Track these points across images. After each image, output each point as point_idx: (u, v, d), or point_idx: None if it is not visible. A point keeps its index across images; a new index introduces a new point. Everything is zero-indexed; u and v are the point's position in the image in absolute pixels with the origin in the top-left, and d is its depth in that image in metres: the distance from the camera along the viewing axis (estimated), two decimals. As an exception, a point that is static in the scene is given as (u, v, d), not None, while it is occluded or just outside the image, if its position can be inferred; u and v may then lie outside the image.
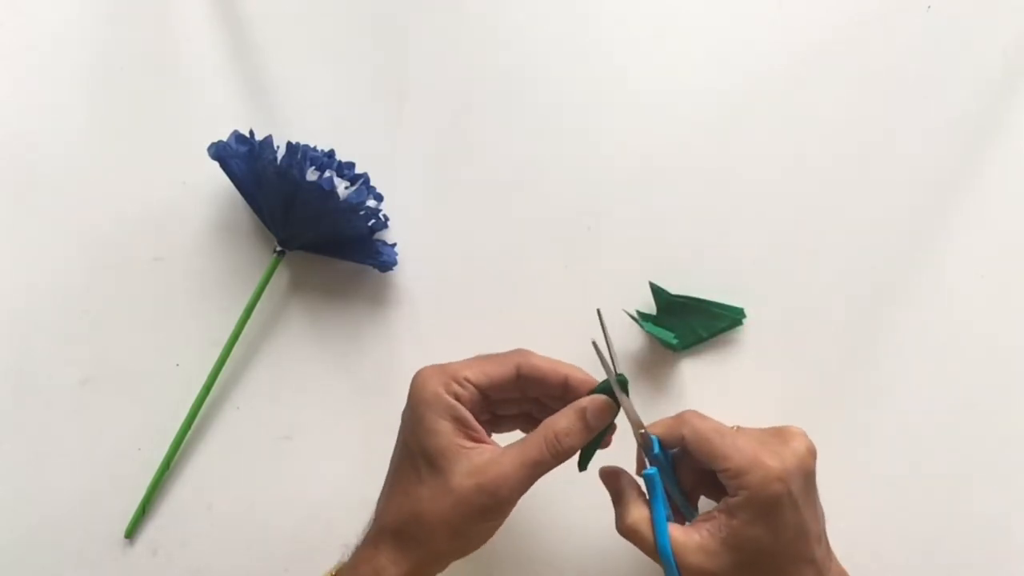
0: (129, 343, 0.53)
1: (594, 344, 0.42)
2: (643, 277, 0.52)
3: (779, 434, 0.41)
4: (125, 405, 0.52)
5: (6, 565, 0.51)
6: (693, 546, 0.39)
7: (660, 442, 0.42)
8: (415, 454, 0.40)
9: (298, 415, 0.52)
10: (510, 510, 0.40)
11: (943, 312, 0.52)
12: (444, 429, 0.40)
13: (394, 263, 0.52)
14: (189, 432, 0.51)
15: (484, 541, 0.41)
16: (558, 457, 0.40)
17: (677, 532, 0.40)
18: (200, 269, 0.53)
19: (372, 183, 0.53)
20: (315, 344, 0.53)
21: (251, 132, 0.51)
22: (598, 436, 0.42)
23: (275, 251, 0.52)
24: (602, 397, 0.41)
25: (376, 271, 0.52)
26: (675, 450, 0.42)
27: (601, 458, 0.43)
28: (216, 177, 0.51)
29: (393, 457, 0.43)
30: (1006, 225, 0.53)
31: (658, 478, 0.41)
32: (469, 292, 0.53)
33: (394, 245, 0.52)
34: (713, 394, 0.52)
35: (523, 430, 0.45)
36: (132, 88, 0.55)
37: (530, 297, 0.53)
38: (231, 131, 0.50)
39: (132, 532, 0.51)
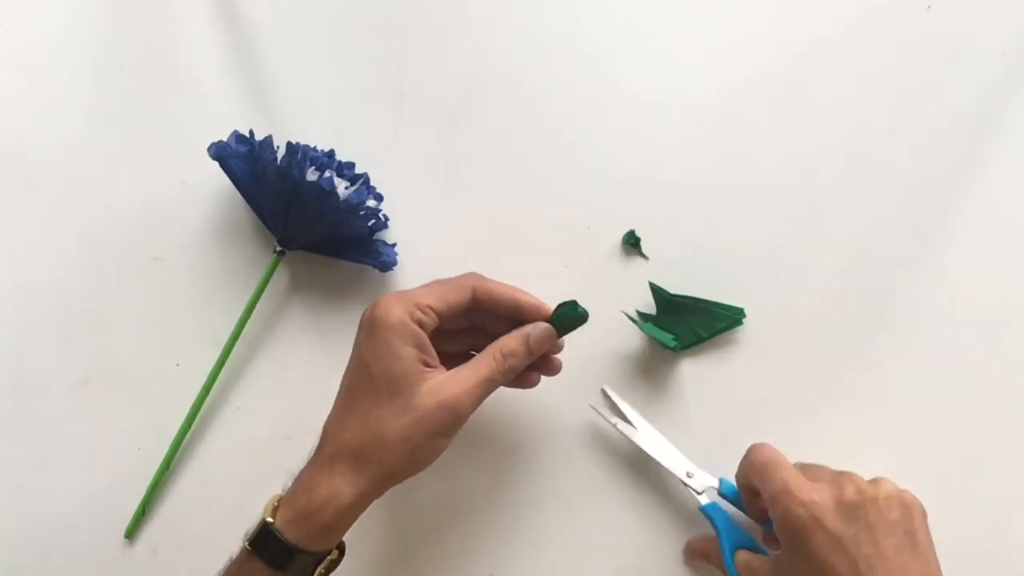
0: (129, 343, 0.53)
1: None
2: (643, 277, 0.52)
3: (870, 480, 0.43)
4: (125, 405, 0.52)
5: (6, 565, 0.51)
6: (743, 564, 0.45)
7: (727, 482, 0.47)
8: (375, 377, 0.42)
9: (298, 415, 0.52)
10: (462, 425, 0.42)
11: (943, 311, 0.52)
12: (408, 355, 0.42)
13: (394, 263, 0.52)
14: (189, 432, 0.51)
15: (434, 459, 0.43)
16: (505, 375, 0.43)
17: (742, 555, 0.45)
18: (200, 269, 0.53)
19: (372, 183, 0.53)
20: (315, 344, 0.53)
21: (251, 132, 0.51)
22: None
23: (275, 251, 0.52)
24: (544, 325, 0.44)
25: (376, 271, 0.52)
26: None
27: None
28: (216, 177, 0.51)
29: (347, 381, 0.44)
30: (1006, 225, 0.53)
31: (717, 509, 0.47)
32: (469, 292, 0.53)
33: (394, 245, 0.52)
34: (713, 394, 0.52)
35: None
36: (132, 88, 0.55)
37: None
38: (231, 131, 0.50)
39: (132, 532, 0.51)
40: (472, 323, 0.46)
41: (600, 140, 0.54)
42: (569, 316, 0.44)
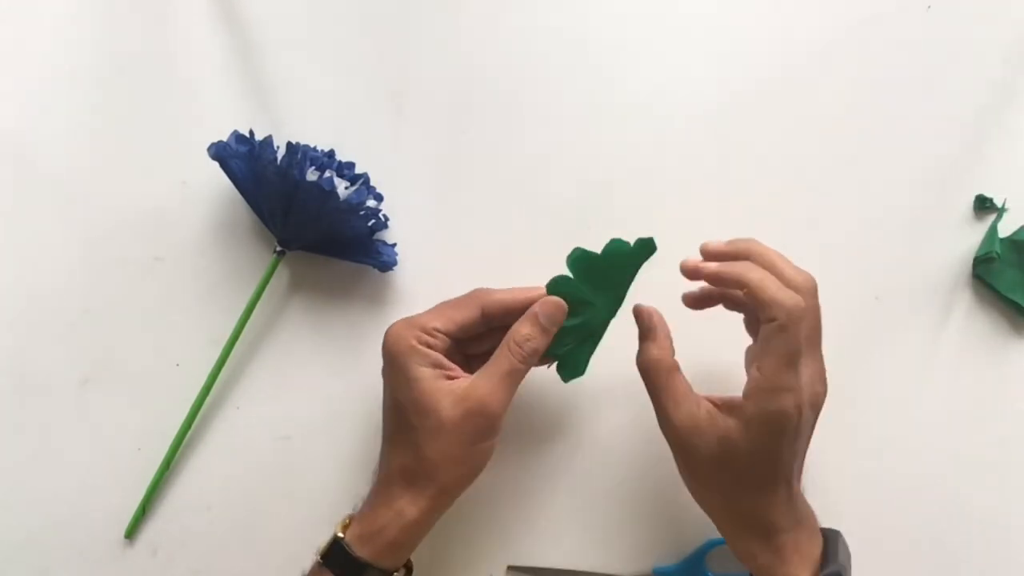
0: (129, 343, 0.53)
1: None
2: (642, 276, 0.52)
3: (809, 374, 0.42)
4: (125, 405, 0.52)
5: (6, 565, 0.51)
6: (688, 414, 0.42)
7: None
8: (402, 405, 0.43)
9: (298, 415, 0.52)
10: (500, 425, 0.43)
11: (943, 311, 0.52)
12: (424, 375, 0.42)
13: (394, 263, 0.52)
14: (189, 432, 0.51)
15: (485, 463, 0.44)
16: (526, 361, 0.43)
17: (684, 395, 0.42)
18: (200, 269, 0.53)
19: (372, 183, 0.53)
20: (315, 344, 0.53)
21: (251, 132, 0.51)
22: (588, 343, 0.45)
23: (275, 251, 0.52)
24: (551, 298, 0.44)
25: (376, 271, 0.52)
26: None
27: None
28: (216, 177, 0.51)
29: (384, 413, 0.45)
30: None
31: None
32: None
33: (394, 245, 0.52)
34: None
35: None
36: (132, 88, 0.55)
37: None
38: (231, 131, 0.50)
39: (132, 532, 0.51)
40: (492, 325, 0.46)
41: (600, 140, 0.54)
42: (561, 282, 0.44)
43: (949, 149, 0.53)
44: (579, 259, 0.44)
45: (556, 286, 0.44)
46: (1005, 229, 0.53)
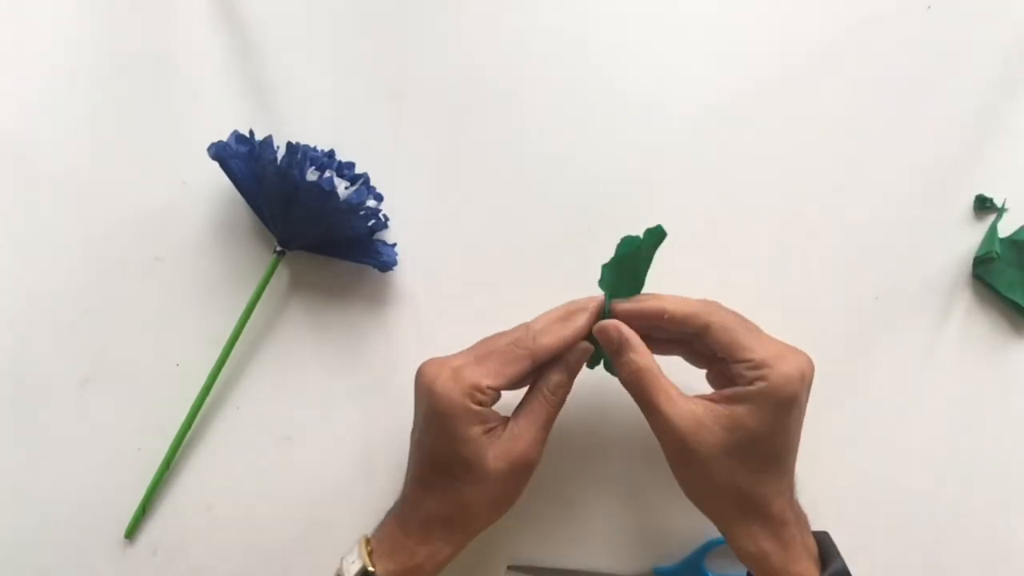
0: (129, 343, 0.53)
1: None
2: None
3: (788, 346, 0.42)
4: (125, 405, 0.52)
5: (6, 565, 0.51)
6: (687, 411, 0.41)
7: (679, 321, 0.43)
8: (445, 460, 0.43)
9: (298, 415, 0.52)
10: (536, 467, 0.44)
11: (942, 311, 0.52)
12: (473, 436, 0.42)
13: (394, 263, 0.52)
14: (189, 432, 0.51)
15: (518, 498, 0.45)
16: (559, 406, 0.44)
17: (677, 395, 0.42)
18: (200, 269, 0.53)
19: (372, 183, 0.53)
20: (315, 344, 0.53)
21: (251, 132, 0.51)
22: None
23: (275, 251, 0.52)
24: (582, 345, 0.44)
25: (376, 271, 0.52)
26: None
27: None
28: (216, 177, 0.51)
29: (417, 453, 0.44)
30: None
31: None
32: (469, 292, 0.53)
33: (394, 245, 0.52)
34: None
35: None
36: (132, 88, 0.55)
37: (530, 297, 0.52)
38: (231, 131, 0.50)
39: (132, 532, 0.51)
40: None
41: (600, 140, 0.54)
42: (606, 310, 0.44)
43: (949, 149, 0.53)
44: (608, 273, 0.45)
45: (601, 317, 0.44)
46: (1005, 229, 0.53)
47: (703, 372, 0.47)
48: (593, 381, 0.51)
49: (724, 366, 0.43)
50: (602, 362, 0.47)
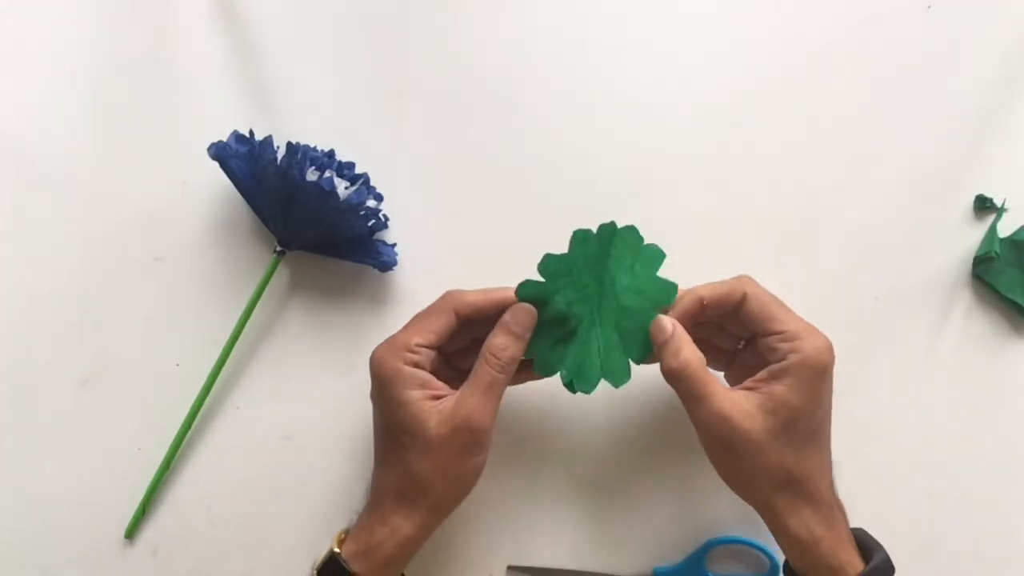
0: (129, 343, 0.53)
1: None
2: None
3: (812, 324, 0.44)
4: (125, 405, 0.52)
5: (6, 565, 0.51)
6: (735, 400, 0.42)
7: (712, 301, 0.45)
8: (390, 428, 0.44)
9: (298, 415, 0.52)
10: (488, 440, 0.43)
11: (942, 311, 0.52)
12: (412, 398, 0.43)
13: (394, 263, 0.52)
14: (189, 432, 0.51)
15: (475, 480, 0.44)
16: (505, 370, 0.43)
17: (723, 387, 0.43)
18: (200, 269, 0.53)
19: (372, 183, 0.53)
20: (315, 344, 0.53)
21: (251, 132, 0.51)
22: (566, 342, 0.45)
23: (275, 251, 0.52)
24: (520, 305, 0.44)
25: (376, 271, 0.52)
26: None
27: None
28: (216, 177, 0.51)
29: (375, 435, 0.46)
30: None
31: None
32: (469, 292, 0.53)
33: (394, 245, 0.52)
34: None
35: None
36: (132, 88, 0.55)
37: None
38: (231, 131, 0.50)
39: (132, 532, 0.51)
40: (476, 336, 0.46)
41: (600, 140, 0.54)
42: (529, 285, 0.44)
43: (949, 149, 0.53)
44: (548, 263, 0.44)
45: (524, 289, 0.44)
46: (1005, 229, 0.53)
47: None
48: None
49: (748, 354, 0.45)
50: (560, 375, 0.45)
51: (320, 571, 0.44)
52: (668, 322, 0.44)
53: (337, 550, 0.44)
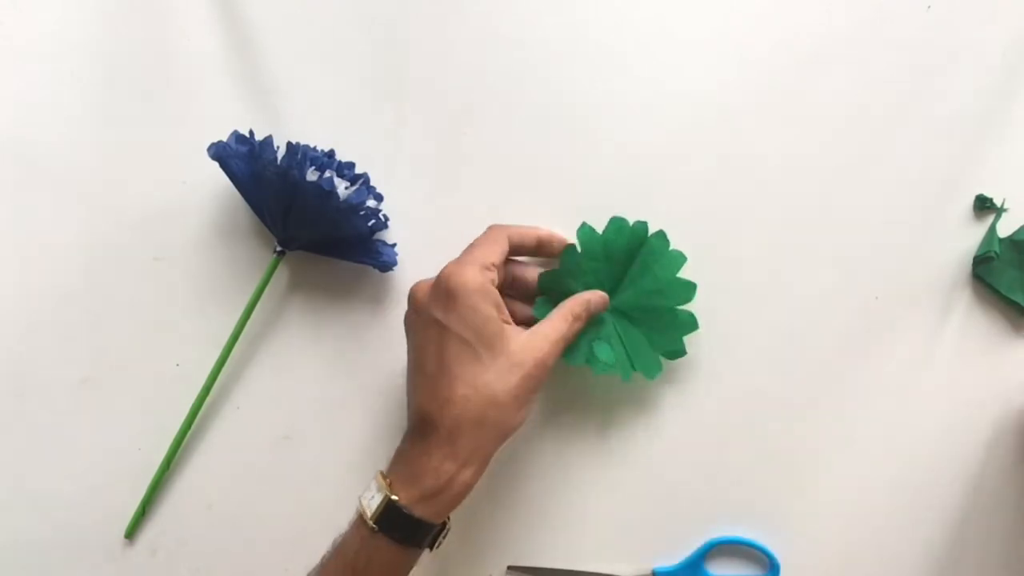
0: (129, 343, 0.53)
1: None
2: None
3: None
4: (125, 405, 0.52)
5: (6, 565, 0.51)
6: None
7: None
8: (471, 343, 0.42)
9: (298, 415, 0.52)
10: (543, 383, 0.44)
11: (942, 310, 0.52)
12: (493, 315, 0.43)
13: (394, 263, 0.52)
14: (189, 432, 0.51)
15: (521, 426, 0.44)
16: (574, 336, 0.46)
17: None
18: (200, 269, 0.53)
19: (372, 183, 0.53)
20: (315, 344, 0.53)
21: (251, 132, 0.51)
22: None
23: (275, 251, 0.52)
24: (600, 294, 0.48)
25: (376, 271, 0.52)
26: None
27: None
28: (216, 177, 0.51)
29: (434, 358, 0.43)
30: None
31: None
32: (469, 292, 0.53)
33: (394, 245, 0.52)
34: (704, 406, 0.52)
35: None
36: (132, 88, 0.55)
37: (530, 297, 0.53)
38: (231, 131, 0.50)
39: (132, 532, 0.51)
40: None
41: (599, 140, 0.54)
42: (587, 229, 0.49)
43: (949, 149, 0.53)
44: (584, 231, 0.49)
45: (582, 231, 0.49)
46: (1005, 229, 0.53)
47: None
48: (594, 382, 0.51)
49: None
50: (586, 360, 0.47)
51: (379, 521, 0.41)
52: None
53: (395, 497, 0.41)
